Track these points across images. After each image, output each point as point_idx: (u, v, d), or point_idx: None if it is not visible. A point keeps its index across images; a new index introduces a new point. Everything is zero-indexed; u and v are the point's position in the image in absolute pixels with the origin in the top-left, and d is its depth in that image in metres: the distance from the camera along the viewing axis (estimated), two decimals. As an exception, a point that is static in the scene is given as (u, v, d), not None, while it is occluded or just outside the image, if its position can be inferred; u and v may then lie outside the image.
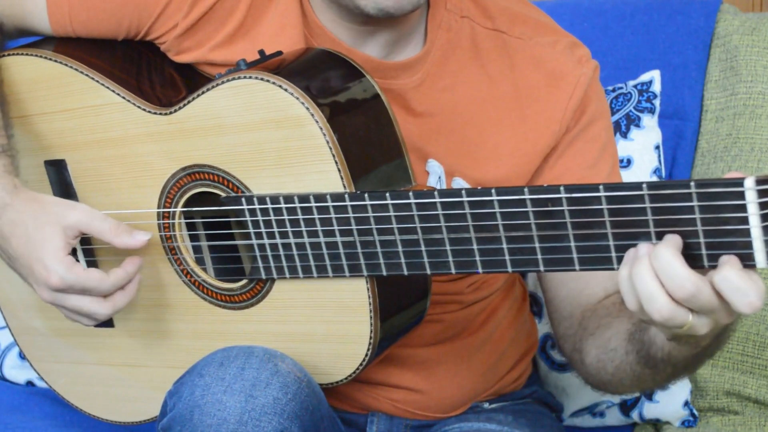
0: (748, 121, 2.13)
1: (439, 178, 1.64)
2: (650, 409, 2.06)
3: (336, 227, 1.45)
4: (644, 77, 2.17)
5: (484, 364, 1.79)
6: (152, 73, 1.69)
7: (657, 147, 2.13)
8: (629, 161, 2.11)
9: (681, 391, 2.03)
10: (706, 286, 1.18)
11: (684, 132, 2.19)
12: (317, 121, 1.45)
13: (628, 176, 2.08)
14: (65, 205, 1.59)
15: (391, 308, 1.53)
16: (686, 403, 2.03)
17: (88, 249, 1.70)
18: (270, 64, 1.54)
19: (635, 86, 2.16)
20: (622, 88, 2.17)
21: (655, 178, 2.11)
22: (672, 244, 1.19)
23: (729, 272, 1.16)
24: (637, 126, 2.13)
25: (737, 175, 1.15)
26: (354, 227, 1.44)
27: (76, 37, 1.71)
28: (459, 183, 1.65)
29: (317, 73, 1.54)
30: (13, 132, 1.71)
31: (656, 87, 2.15)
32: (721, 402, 2.06)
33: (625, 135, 2.12)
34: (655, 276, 1.20)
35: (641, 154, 2.11)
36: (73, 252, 1.70)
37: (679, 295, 1.18)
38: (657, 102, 2.14)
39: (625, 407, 2.07)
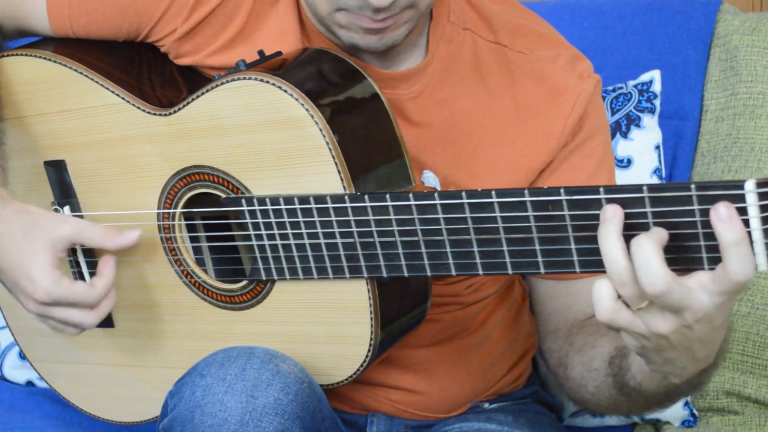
0: (748, 121, 2.13)
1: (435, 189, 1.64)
2: (650, 410, 2.06)
3: (336, 229, 1.45)
4: (644, 77, 2.17)
5: (483, 364, 1.79)
6: (152, 73, 1.69)
7: (657, 147, 2.13)
8: (629, 161, 2.11)
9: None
10: (678, 288, 1.18)
11: (684, 132, 2.19)
12: (317, 123, 1.45)
13: (628, 176, 2.08)
14: (55, 218, 1.58)
15: (391, 309, 1.53)
16: (686, 403, 2.03)
17: (88, 250, 1.71)
18: (269, 65, 1.54)
19: (635, 86, 2.16)
20: (622, 88, 2.17)
21: (655, 178, 2.11)
22: (656, 238, 1.18)
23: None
24: (637, 126, 2.13)
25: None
26: (354, 229, 1.44)
27: (75, 38, 1.71)
28: None
29: (317, 74, 1.54)
30: (6, 138, 1.70)
31: (656, 87, 2.15)
32: (721, 402, 2.06)
33: (625, 135, 2.12)
34: (619, 240, 1.19)
35: (641, 154, 2.12)
36: (76, 261, 1.70)
37: (649, 291, 1.17)
38: (657, 102, 2.14)
39: (625, 407, 2.07)
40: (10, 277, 1.57)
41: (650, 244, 1.18)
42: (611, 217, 1.20)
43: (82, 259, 1.70)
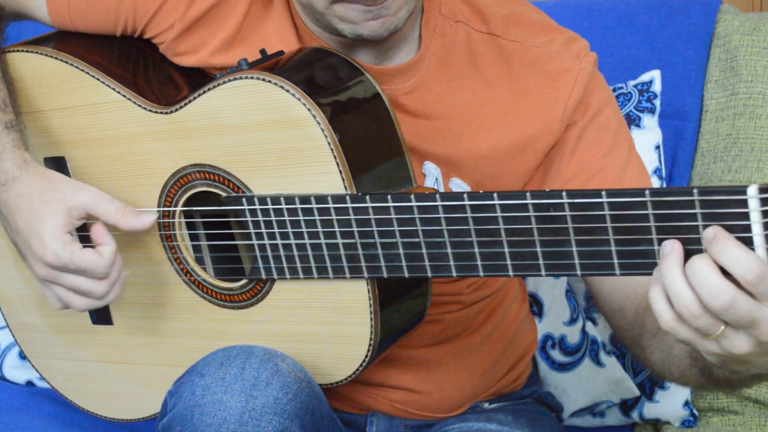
0: (748, 121, 2.13)
1: (436, 179, 1.64)
2: (650, 409, 2.06)
3: (337, 229, 1.45)
4: (644, 77, 2.17)
5: (483, 364, 1.79)
6: (150, 70, 1.69)
7: (657, 147, 2.13)
8: (629, 161, 2.11)
9: (681, 391, 2.03)
10: (744, 298, 1.16)
11: (684, 132, 2.19)
12: (318, 123, 1.45)
13: (627, 176, 2.08)
14: (74, 185, 1.59)
15: (391, 309, 1.53)
16: (686, 403, 2.04)
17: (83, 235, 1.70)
18: (271, 64, 1.54)
19: (635, 86, 2.16)
20: (622, 88, 2.17)
21: (655, 178, 2.11)
22: (707, 255, 1.18)
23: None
24: (638, 126, 2.13)
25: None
26: (355, 229, 1.44)
27: (76, 34, 1.71)
28: (457, 183, 1.64)
29: (318, 73, 1.54)
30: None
31: (656, 87, 2.15)
32: (721, 402, 2.06)
33: (625, 135, 2.12)
34: (681, 274, 1.19)
35: (641, 154, 2.07)
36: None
37: (713, 306, 1.17)
38: (657, 102, 2.14)
39: (625, 407, 2.07)
40: (24, 238, 1.59)
41: (703, 260, 1.17)
42: (670, 252, 1.20)
43: (74, 234, 1.70)
